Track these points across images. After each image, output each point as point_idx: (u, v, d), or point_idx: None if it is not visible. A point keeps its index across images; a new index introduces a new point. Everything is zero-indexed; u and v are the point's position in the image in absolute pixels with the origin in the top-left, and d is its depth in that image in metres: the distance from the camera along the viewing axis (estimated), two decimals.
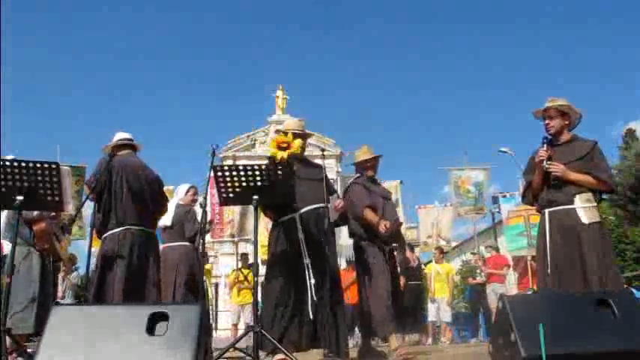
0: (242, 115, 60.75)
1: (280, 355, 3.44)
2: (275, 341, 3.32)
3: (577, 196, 3.42)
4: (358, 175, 4.61)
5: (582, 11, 71.65)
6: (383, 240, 4.30)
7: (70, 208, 3.60)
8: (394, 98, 64.97)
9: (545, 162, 3.45)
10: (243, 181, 3.34)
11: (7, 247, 3.75)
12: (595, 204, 3.44)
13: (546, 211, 3.52)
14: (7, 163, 3.10)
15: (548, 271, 3.41)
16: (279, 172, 3.35)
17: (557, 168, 3.42)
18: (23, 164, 3.09)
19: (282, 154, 3.77)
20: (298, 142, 3.91)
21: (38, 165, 3.11)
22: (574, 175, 3.43)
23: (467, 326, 11.50)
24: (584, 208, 3.40)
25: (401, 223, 4.80)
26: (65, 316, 2.33)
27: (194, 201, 5.64)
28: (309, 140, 4.35)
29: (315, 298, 3.51)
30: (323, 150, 4.22)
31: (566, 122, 3.59)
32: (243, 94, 65.93)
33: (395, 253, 4.61)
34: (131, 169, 3.86)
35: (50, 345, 2.21)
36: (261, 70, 64.79)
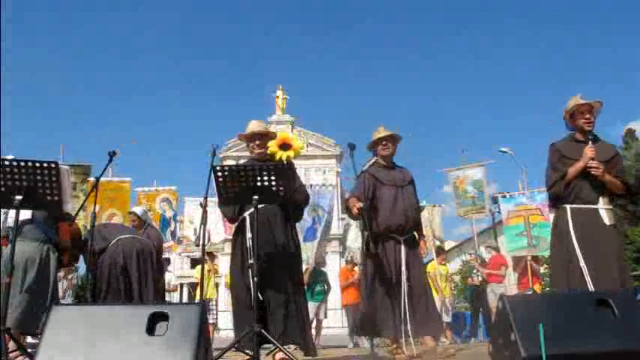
0: (242, 115, 60.83)
1: (280, 354, 3.44)
2: (275, 341, 3.32)
3: (601, 197, 3.45)
4: (373, 159, 4.32)
5: (582, 11, 71.71)
6: (393, 232, 4.07)
7: (69, 208, 3.61)
8: (394, 98, 64.98)
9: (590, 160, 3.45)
10: (243, 181, 3.33)
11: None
12: (612, 206, 3.49)
13: (567, 206, 3.49)
14: (7, 163, 3.10)
15: (586, 272, 3.31)
16: (280, 170, 3.34)
17: (598, 166, 3.42)
18: (22, 164, 3.08)
19: (281, 154, 3.76)
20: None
21: (37, 164, 3.10)
22: (608, 177, 3.45)
23: (467, 326, 11.50)
24: (606, 210, 3.44)
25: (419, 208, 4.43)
26: (65, 316, 2.32)
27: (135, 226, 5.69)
28: (309, 140, 4.31)
29: (261, 298, 3.37)
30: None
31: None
32: (243, 94, 66.03)
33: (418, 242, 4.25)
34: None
35: (50, 345, 2.21)
36: (261, 70, 64.89)
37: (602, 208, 3.43)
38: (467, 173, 10.70)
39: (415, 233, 4.27)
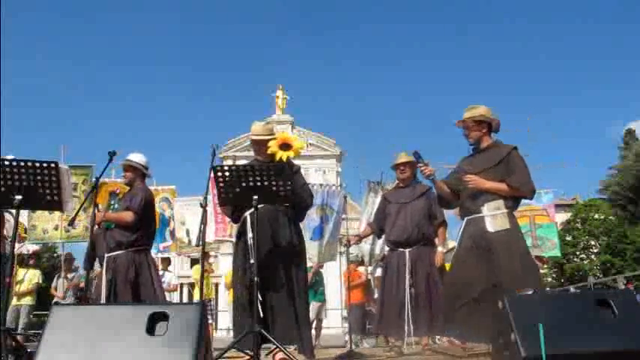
0: (242, 115, 60.91)
1: (280, 355, 3.44)
2: (275, 341, 3.31)
3: (485, 205, 3.53)
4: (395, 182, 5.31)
5: (583, 11, 71.69)
6: (396, 244, 4.76)
7: (69, 208, 3.60)
8: (394, 98, 65.05)
9: (462, 175, 3.62)
10: (243, 181, 3.33)
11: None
12: (505, 210, 3.51)
13: (464, 218, 3.66)
14: (7, 163, 3.10)
15: (449, 272, 3.66)
16: (280, 171, 3.34)
17: (470, 179, 3.55)
18: (22, 164, 3.08)
19: (281, 154, 3.75)
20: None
21: (37, 164, 3.11)
22: (489, 184, 3.54)
23: None
24: (491, 216, 3.50)
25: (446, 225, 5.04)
26: (65, 316, 2.32)
27: None
28: (309, 140, 4.34)
29: (261, 298, 3.34)
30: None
31: (484, 130, 3.71)
32: (243, 94, 66.09)
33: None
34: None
35: (50, 345, 2.21)
36: (261, 70, 64.89)
37: (487, 215, 3.50)
38: None
39: (431, 243, 4.80)
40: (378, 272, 9.65)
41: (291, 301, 3.58)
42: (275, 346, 3.44)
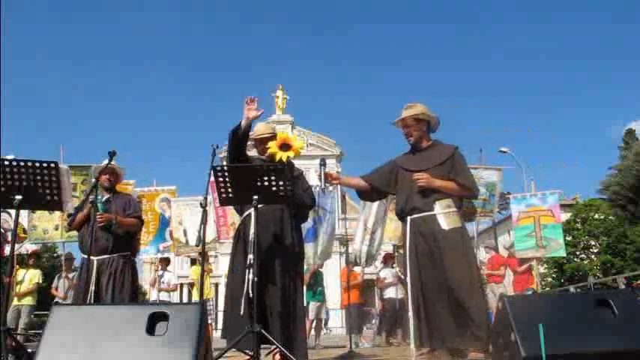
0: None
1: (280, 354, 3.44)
2: (275, 341, 3.31)
3: (437, 203, 3.48)
4: None
5: (583, 11, 71.70)
6: None
7: (69, 208, 3.60)
8: (393, 98, 65.05)
9: (413, 174, 3.54)
10: (244, 181, 3.33)
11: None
12: (455, 209, 3.50)
13: (408, 218, 3.57)
14: (7, 163, 3.10)
15: (408, 274, 3.49)
16: (280, 171, 3.34)
17: (421, 177, 3.49)
18: (22, 163, 3.09)
19: (281, 154, 3.74)
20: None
21: (37, 164, 3.11)
22: (439, 182, 3.49)
23: None
24: (444, 214, 3.46)
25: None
26: (65, 316, 2.32)
27: None
28: (309, 140, 4.31)
29: (251, 296, 3.28)
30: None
31: (424, 129, 3.67)
32: (244, 94, 65.98)
33: None
34: None
35: (50, 345, 2.21)
36: (261, 70, 64.90)
37: (440, 213, 3.46)
38: (481, 174, 10.64)
39: None
40: (382, 274, 9.63)
41: (289, 302, 3.58)
42: (275, 346, 3.44)
